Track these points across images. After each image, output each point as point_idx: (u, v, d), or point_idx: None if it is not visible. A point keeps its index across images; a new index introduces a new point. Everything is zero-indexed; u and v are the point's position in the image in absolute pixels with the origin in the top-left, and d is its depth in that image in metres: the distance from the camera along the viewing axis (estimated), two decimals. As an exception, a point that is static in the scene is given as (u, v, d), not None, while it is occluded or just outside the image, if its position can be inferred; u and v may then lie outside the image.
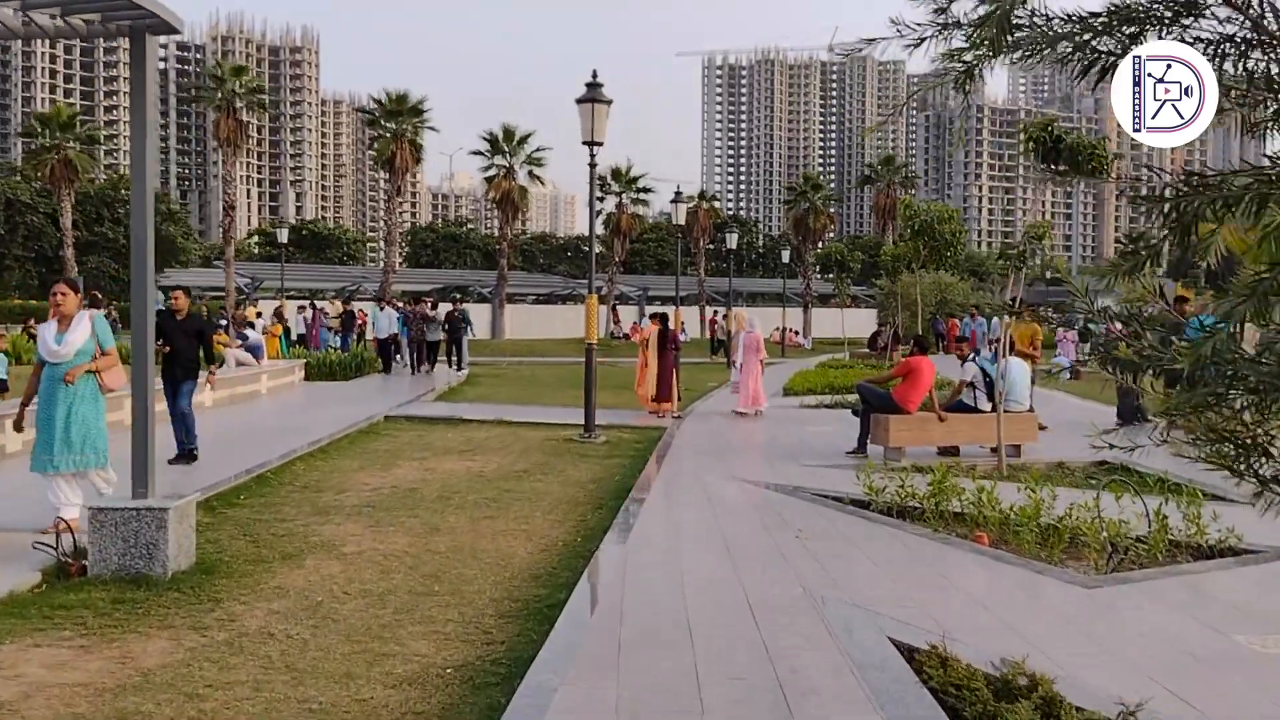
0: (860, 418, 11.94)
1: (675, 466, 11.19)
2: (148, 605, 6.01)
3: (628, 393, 22.50)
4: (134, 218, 6.93)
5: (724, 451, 12.65)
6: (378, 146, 42.42)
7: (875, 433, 11.62)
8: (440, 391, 21.19)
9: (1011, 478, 10.35)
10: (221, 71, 40.81)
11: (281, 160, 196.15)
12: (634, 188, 51.03)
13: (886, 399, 11.64)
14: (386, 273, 45.10)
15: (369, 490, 9.82)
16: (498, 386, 23.93)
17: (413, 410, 16.83)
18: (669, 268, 66.78)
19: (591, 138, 13.64)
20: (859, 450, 11.82)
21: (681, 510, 8.73)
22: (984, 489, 7.95)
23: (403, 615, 5.86)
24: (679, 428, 15.03)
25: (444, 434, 14.30)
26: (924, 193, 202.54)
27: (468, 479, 10.49)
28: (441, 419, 15.86)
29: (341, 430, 13.74)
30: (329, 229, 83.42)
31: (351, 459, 11.83)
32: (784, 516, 8.40)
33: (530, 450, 12.74)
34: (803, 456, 11.93)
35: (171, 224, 63.28)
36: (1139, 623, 5.73)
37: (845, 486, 9.54)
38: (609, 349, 44.34)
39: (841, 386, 21.14)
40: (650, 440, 13.82)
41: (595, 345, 14.36)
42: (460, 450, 12.66)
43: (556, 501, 9.38)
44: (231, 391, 17.27)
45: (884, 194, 55.16)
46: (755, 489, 9.69)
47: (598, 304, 14.79)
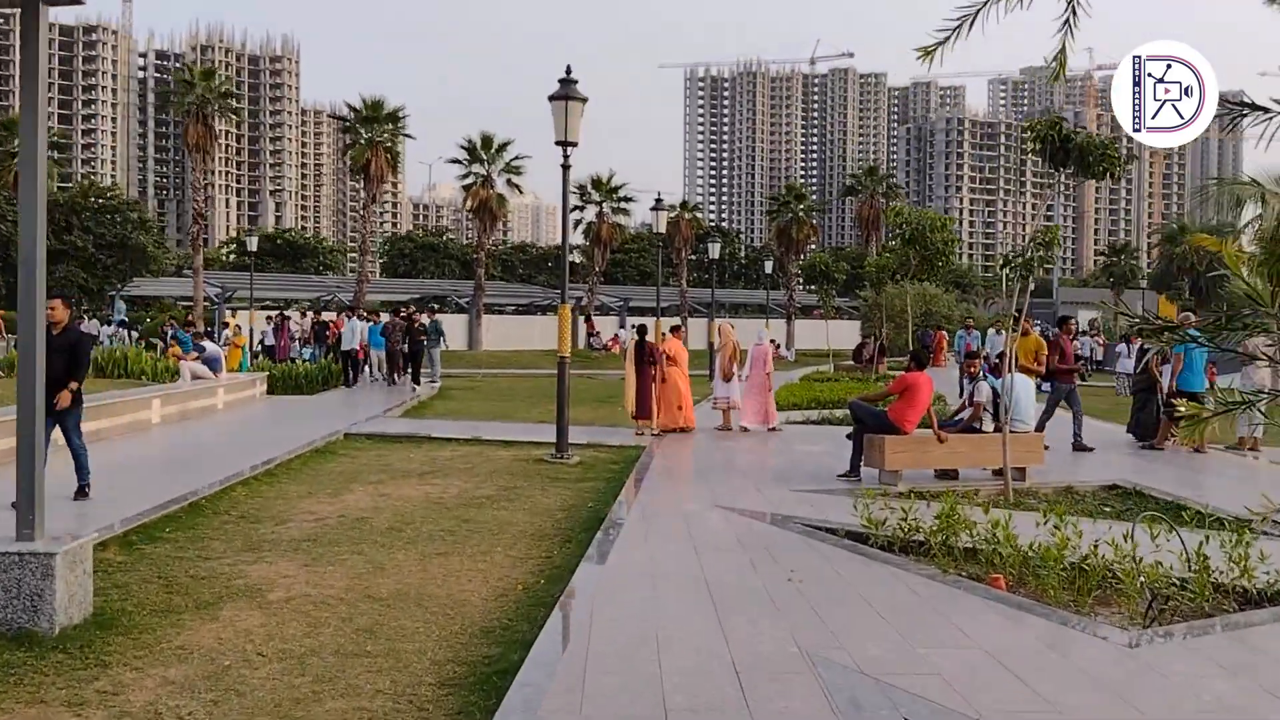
0: (853, 439, 11.07)
1: (653, 492, 10.27)
2: (23, 671, 5.04)
3: (606, 408, 21.61)
4: (22, 219, 5.93)
5: (706, 474, 11.75)
6: (353, 153, 41.41)
7: (869, 454, 10.75)
8: (409, 406, 20.20)
9: (1020, 504, 9.51)
10: (191, 75, 39.73)
11: (261, 170, 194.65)
12: (615, 197, 50.24)
13: (881, 418, 10.77)
14: (360, 282, 44.01)
15: (313, 521, 8.86)
16: (470, 400, 22.97)
17: (376, 427, 15.86)
18: (651, 278, 66.02)
19: (565, 137, 12.74)
20: (852, 473, 10.95)
21: (659, 546, 7.81)
22: (998, 522, 7.06)
23: (323, 685, 4.92)
24: (658, 446, 14.13)
25: (406, 454, 13.34)
26: (907, 204, 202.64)
27: (425, 507, 9.54)
28: (405, 437, 14.89)
29: (295, 450, 12.75)
30: (305, 238, 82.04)
31: (300, 483, 10.86)
32: (774, 553, 7.50)
33: (497, 472, 11.80)
34: (792, 480, 11.04)
35: (142, 232, 61.93)
36: (1195, 692, 4.85)
37: (840, 516, 8.66)
38: (588, 361, 43.46)
39: (828, 401, 20.31)
40: (628, 460, 12.91)
41: (569, 358, 13.42)
42: (421, 472, 11.71)
43: (520, 534, 8.45)
44: (183, 407, 16.26)
45: (867, 204, 54.53)
46: (741, 519, 8.79)
47: (575, 315, 13.91)
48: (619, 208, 50.76)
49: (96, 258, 59.83)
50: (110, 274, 59.89)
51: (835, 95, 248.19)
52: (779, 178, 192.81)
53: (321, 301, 50.94)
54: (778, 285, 58.16)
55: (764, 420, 15.94)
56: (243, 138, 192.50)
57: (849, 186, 56.23)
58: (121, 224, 60.77)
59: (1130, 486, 10.76)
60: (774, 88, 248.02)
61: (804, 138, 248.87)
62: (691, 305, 58.21)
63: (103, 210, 61.58)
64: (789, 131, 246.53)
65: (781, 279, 56.46)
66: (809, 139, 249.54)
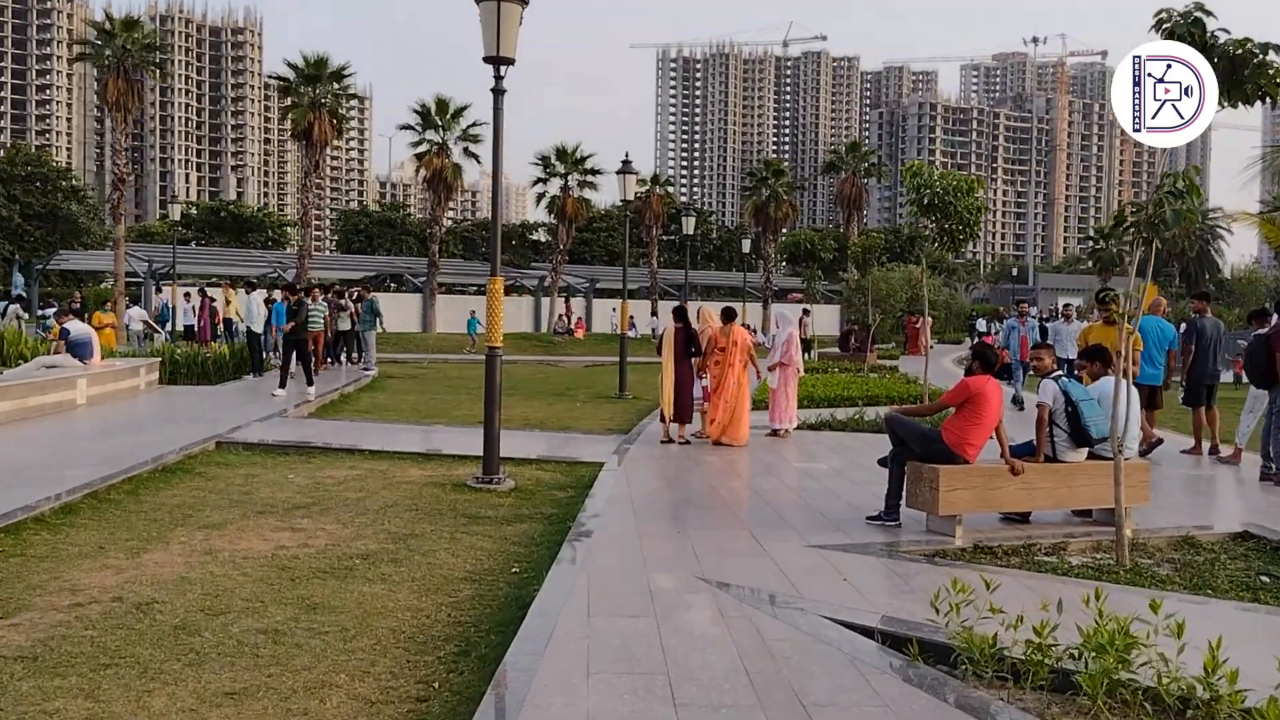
0: (890, 466, 7.95)
1: (609, 548, 7.09)
2: None
3: (563, 403, 18.40)
4: None
5: (683, 511, 8.58)
6: (294, 116, 37.60)
7: (915, 490, 7.64)
8: (326, 401, 16.90)
9: (1141, 575, 6.49)
10: (111, 26, 35.84)
11: (222, 144, 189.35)
12: (581, 169, 46.75)
13: (933, 440, 7.64)
14: (302, 258, 40.33)
15: (63, 608, 5.61)
16: (405, 393, 19.69)
17: (264, 432, 12.55)
18: (619, 260, 62.66)
19: (496, 52, 9.48)
20: (888, 516, 7.85)
21: (608, 688, 4.60)
22: (1213, 661, 3.97)
23: None
24: (623, 462, 10.96)
25: (286, 473, 10.08)
26: (878, 190, 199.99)
27: (261, 578, 6.32)
28: (296, 447, 11.61)
29: (132, 468, 9.47)
30: (251, 210, 77.51)
31: (102, 527, 7.58)
32: (800, 691, 4.37)
33: (395, 507, 8.58)
34: (802, 521, 7.93)
35: (75, 203, 57.78)
36: None
37: (889, 598, 5.62)
38: (551, 347, 40.19)
39: (824, 399, 17.23)
40: (580, 484, 9.75)
41: (500, 350, 10.19)
42: (289, 508, 8.46)
43: (392, 636, 5.26)
44: (21, 404, 12.87)
45: (848, 182, 51.38)
46: (741, 615, 5.58)
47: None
48: (586, 181, 47.24)
49: (24, 228, 55.66)
50: (39, 246, 55.74)
51: (808, 78, 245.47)
52: (751, 160, 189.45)
53: (269, 279, 47.24)
54: (754, 268, 54.98)
55: (785, 419, 13.12)
56: (204, 110, 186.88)
57: (829, 163, 53.02)
58: (51, 193, 56.61)
59: (1261, 534, 7.76)
60: (747, 70, 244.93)
61: (776, 121, 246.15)
62: (663, 287, 54.95)
63: (31, 178, 57.34)
64: (761, 114, 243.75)
65: (756, 260, 53.22)
66: (781, 122, 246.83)
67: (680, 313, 12.84)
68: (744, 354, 12.65)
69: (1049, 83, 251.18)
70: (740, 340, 12.67)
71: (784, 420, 13.25)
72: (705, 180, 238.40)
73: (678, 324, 12.67)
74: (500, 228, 10.15)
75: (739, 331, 12.78)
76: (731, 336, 12.63)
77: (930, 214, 14.78)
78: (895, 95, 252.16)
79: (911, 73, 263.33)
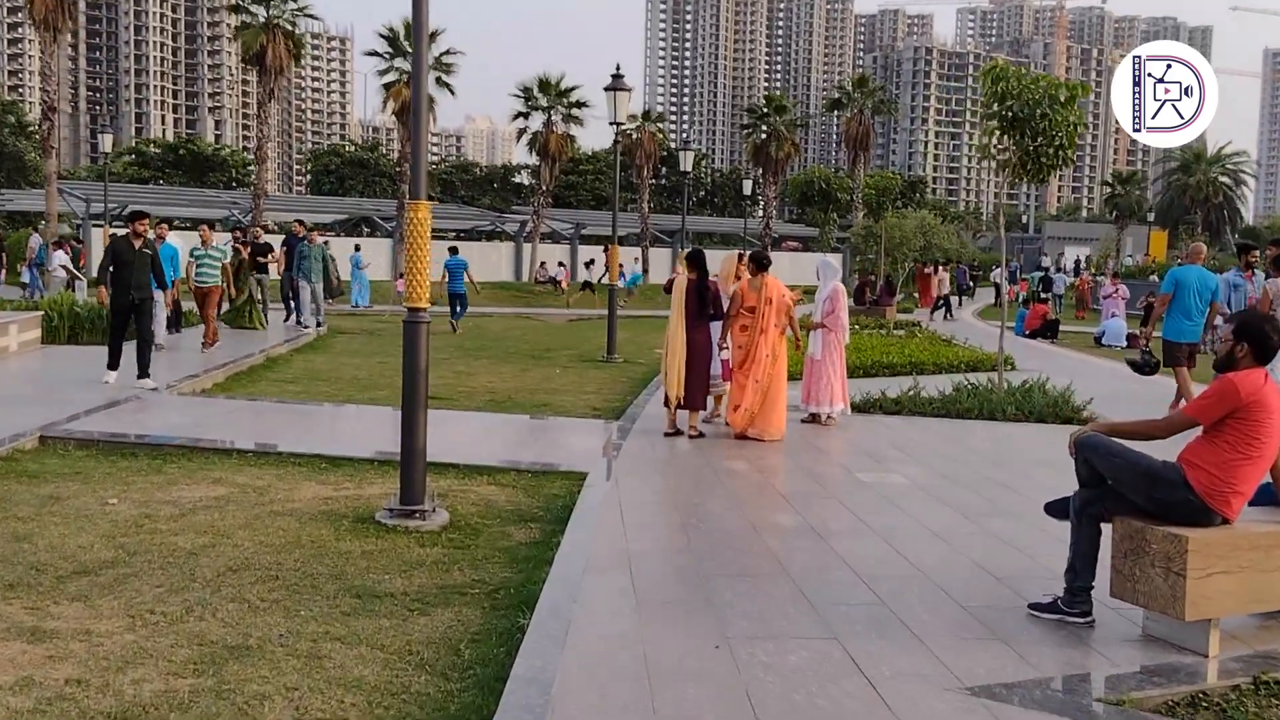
0: (1075, 521, 4.65)
1: (588, 690, 3.80)
2: None
3: (539, 369, 15.04)
4: None
5: (715, 586, 5.28)
6: (245, 38, 33.76)
7: (1133, 569, 4.36)
8: (242, 368, 13.55)
9: None
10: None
11: (199, 84, 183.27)
12: (565, 102, 42.90)
13: (1170, 485, 4.33)
14: (258, 197, 36.65)
15: None
16: (351, 354, 16.34)
17: (116, 420, 9.20)
18: (607, 204, 58.78)
19: None
20: (1072, 604, 4.58)
21: None
22: None
23: None
24: (614, 471, 7.68)
25: (114, 491, 6.75)
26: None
27: None
28: (153, 443, 8.26)
29: None
30: (210, 148, 73.01)
31: None
32: None
33: (248, 570, 5.26)
34: (917, 615, 4.67)
35: (22, 137, 53.67)
36: None
37: None
38: (531, 298, 36.81)
39: (858, 368, 13.88)
40: (551, 514, 6.49)
41: (427, 313, 6.88)
42: (71, 571, 5.12)
43: None
44: None
45: (855, 120, 47.63)
46: None
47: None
48: (571, 115, 43.38)
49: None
50: (-18, 185, 51.82)
51: (801, 20, 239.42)
52: (742, 105, 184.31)
53: (231, 221, 43.51)
54: (749, 214, 51.38)
55: (833, 401, 9.90)
56: (179, 50, 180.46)
57: (835, 100, 49.22)
58: (-6, 128, 52.57)
59: None
60: (738, 7, 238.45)
61: (768, 65, 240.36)
62: (654, 233, 51.35)
63: (-28, 112, 53.25)
64: (753, 56, 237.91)
65: (751, 206, 49.64)
66: (773, 65, 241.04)
67: (696, 258, 9.38)
68: (781, 316, 9.23)
69: (1047, 27, 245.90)
70: (776, 298, 9.18)
71: (829, 402, 9.94)
72: (696, 120, 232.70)
73: (691, 274, 9.23)
74: (424, 131, 6.78)
75: (775, 285, 9.29)
76: (765, 293, 9.14)
77: (1015, 131, 11.43)
78: (890, 39, 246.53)
79: (907, 16, 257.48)
